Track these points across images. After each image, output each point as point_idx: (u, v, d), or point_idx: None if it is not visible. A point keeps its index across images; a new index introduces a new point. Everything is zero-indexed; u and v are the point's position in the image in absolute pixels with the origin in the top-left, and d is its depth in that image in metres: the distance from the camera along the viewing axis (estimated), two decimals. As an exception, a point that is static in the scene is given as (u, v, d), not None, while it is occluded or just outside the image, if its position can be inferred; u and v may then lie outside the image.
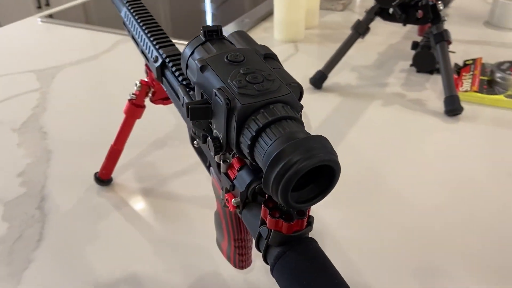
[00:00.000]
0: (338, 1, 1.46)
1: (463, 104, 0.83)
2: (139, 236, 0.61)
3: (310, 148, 0.29)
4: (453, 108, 0.82)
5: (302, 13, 1.19)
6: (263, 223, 0.36)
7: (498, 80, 0.91)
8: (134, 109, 0.64)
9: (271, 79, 0.35)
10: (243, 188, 0.38)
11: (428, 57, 0.94)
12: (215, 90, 0.34)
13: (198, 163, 0.76)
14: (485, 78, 0.94)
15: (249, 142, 0.32)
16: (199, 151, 0.54)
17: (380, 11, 0.92)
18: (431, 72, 0.98)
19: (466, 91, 0.88)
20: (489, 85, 0.91)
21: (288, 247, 0.35)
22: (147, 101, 0.64)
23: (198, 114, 0.36)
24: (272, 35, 1.26)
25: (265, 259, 0.37)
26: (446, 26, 0.91)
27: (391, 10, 0.92)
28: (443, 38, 0.87)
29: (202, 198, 0.67)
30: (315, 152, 0.29)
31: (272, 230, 0.35)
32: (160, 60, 0.55)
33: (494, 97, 0.87)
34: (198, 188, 0.69)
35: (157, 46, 0.55)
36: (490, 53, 1.08)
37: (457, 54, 1.02)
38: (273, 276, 0.36)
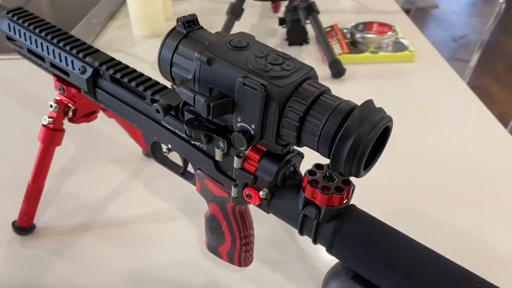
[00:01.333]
0: (183, -11, 1.44)
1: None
2: (106, 274, 0.53)
3: (371, 118, 0.30)
4: (338, 70, 0.91)
5: (159, 4, 1.15)
6: (307, 204, 0.36)
7: (359, 40, 1.03)
8: (52, 134, 0.54)
9: (289, 58, 0.34)
10: (272, 176, 0.37)
11: (300, 30, 1.01)
12: (240, 80, 0.32)
13: (129, 178, 0.69)
14: (348, 40, 1.05)
15: (297, 124, 0.31)
16: (165, 161, 0.50)
17: (250, -8, 0.95)
18: (301, 43, 1.06)
19: (340, 54, 0.98)
20: (354, 46, 1.03)
21: (341, 219, 0.35)
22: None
23: (219, 111, 0.33)
24: (130, 32, 1.18)
25: (315, 240, 0.37)
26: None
27: (259, -10, 0.95)
28: (314, 9, 0.95)
29: (155, 213, 0.62)
30: (376, 120, 0.30)
31: (324, 207, 0.35)
32: (89, 70, 0.48)
33: (362, 55, 0.99)
34: (144, 203, 0.63)
35: (80, 55, 0.48)
36: (337, 19, 1.21)
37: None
38: (331, 253, 0.36)
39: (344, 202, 0.35)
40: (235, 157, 0.38)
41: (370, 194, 0.54)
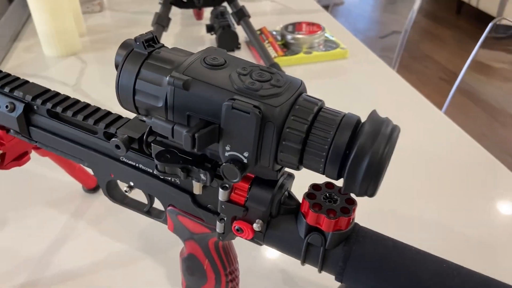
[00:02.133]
0: (93, 1, 1.33)
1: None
2: None
3: (383, 131, 0.27)
4: (277, 74, 0.89)
5: (71, 19, 1.04)
6: (310, 231, 0.32)
7: (291, 41, 1.02)
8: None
9: (275, 72, 0.30)
10: (266, 206, 0.33)
11: (231, 36, 0.98)
12: (228, 103, 0.27)
13: (72, 221, 0.60)
14: (280, 42, 1.04)
15: (299, 147, 0.28)
16: (125, 200, 0.43)
17: (175, 0, 0.90)
18: (233, 49, 1.02)
19: (275, 57, 0.96)
20: (287, 48, 1.02)
21: (350, 242, 0.32)
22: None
23: (205, 141, 0.29)
24: (41, 53, 1.06)
25: (321, 268, 0.33)
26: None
27: (185, -3, 0.90)
28: (245, 14, 0.91)
29: (111, 257, 0.54)
30: (388, 132, 0.27)
31: (331, 232, 0.31)
32: (20, 106, 0.40)
33: (297, 56, 0.98)
34: (96, 247, 0.55)
35: (6, 90, 0.40)
36: (262, 22, 1.19)
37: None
38: (342, 281, 0.33)
39: (350, 223, 0.32)
40: (220, 189, 0.33)
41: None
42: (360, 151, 0.26)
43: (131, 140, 0.36)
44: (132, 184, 0.40)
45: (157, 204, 0.41)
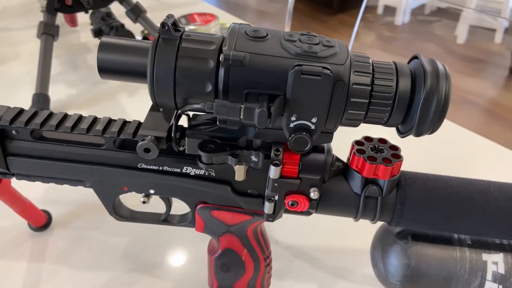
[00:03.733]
0: None
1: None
2: None
3: (441, 70, 0.29)
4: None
5: None
6: (366, 184, 0.34)
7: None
8: None
9: (315, 35, 0.30)
10: (320, 172, 0.33)
11: (128, 35, 0.91)
12: (297, 69, 0.27)
13: (33, 267, 0.49)
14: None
15: (367, 100, 0.29)
16: (135, 215, 0.39)
17: (60, 5, 0.80)
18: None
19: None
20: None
21: (401, 186, 0.35)
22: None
23: (278, 114, 0.28)
24: None
25: (378, 218, 0.35)
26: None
27: (70, 1, 0.81)
28: (142, 10, 0.86)
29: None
30: (444, 71, 0.29)
31: (387, 180, 0.33)
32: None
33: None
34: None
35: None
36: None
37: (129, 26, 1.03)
38: (399, 225, 0.35)
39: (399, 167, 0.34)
40: (271, 167, 0.32)
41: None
42: (430, 91, 0.28)
43: (159, 140, 0.32)
44: (152, 191, 0.36)
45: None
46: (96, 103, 0.81)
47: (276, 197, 0.34)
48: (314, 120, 0.29)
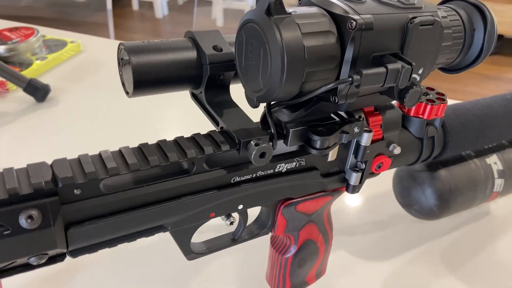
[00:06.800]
0: None
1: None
2: None
3: (488, 9, 0.33)
4: (43, 90, 0.72)
5: None
6: (426, 126, 0.36)
7: (11, 54, 0.81)
8: None
9: None
10: (399, 126, 0.34)
11: None
12: (416, 23, 0.27)
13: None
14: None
15: (462, 40, 0.32)
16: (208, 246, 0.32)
17: None
18: None
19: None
20: (13, 63, 0.80)
21: (444, 121, 0.38)
22: None
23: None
24: None
25: (431, 151, 0.38)
26: None
27: None
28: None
29: None
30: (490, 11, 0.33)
31: (440, 118, 0.37)
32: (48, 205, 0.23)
33: (38, 66, 0.80)
34: None
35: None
36: None
37: None
38: (446, 151, 0.39)
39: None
40: (364, 135, 0.31)
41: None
42: (491, 28, 0.31)
43: (274, 139, 0.27)
44: (241, 207, 0.30)
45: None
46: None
47: (363, 165, 0.33)
48: (420, 71, 0.29)
